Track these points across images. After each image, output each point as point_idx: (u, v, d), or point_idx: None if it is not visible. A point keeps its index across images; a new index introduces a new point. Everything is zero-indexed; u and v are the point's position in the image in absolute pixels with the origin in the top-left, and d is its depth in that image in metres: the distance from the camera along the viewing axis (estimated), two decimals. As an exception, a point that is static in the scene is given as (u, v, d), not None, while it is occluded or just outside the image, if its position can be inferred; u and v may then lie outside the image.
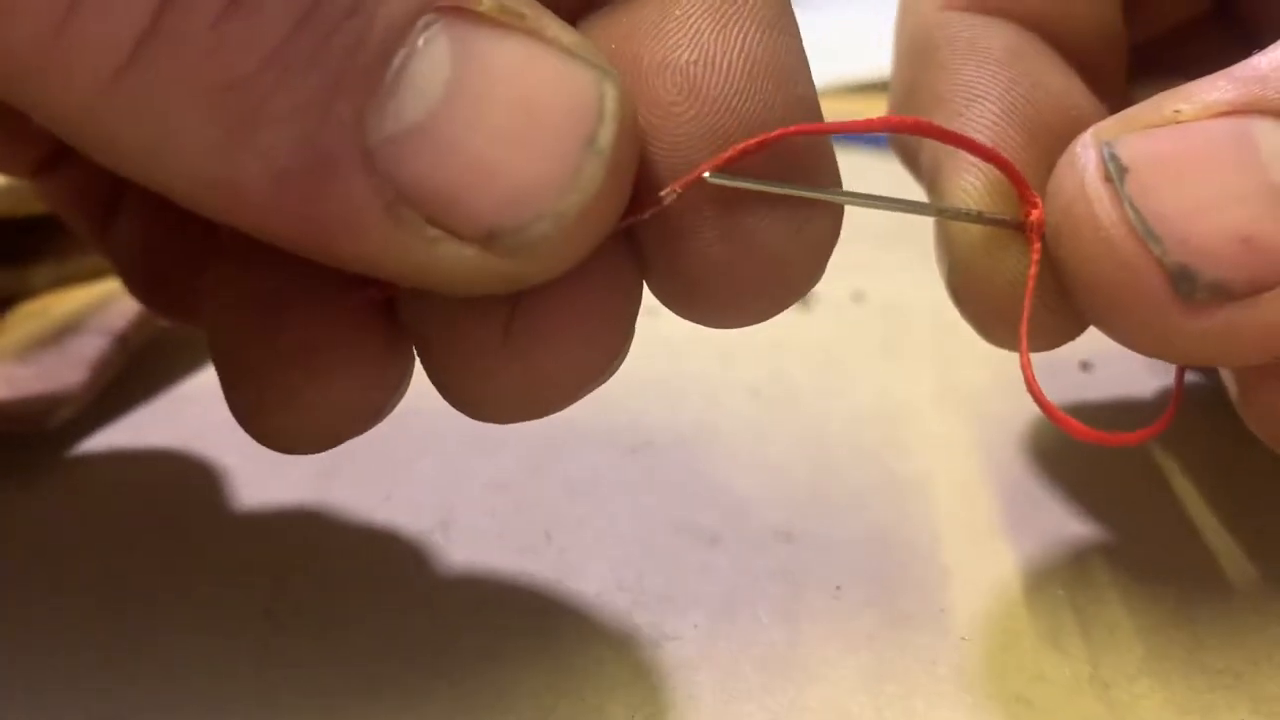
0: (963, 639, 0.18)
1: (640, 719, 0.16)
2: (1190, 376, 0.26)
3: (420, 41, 0.13)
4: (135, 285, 0.21)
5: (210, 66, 0.12)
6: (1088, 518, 0.21)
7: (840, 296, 0.31)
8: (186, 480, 0.23)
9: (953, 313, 0.19)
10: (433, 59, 0.13)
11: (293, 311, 0.16)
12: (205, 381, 0.27)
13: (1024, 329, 0.16)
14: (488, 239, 0.13)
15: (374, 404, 0.16)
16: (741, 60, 0.15)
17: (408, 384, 0.17)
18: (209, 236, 0.18)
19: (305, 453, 0.17)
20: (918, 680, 0.17)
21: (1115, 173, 0.15)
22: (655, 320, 0.28)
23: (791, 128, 0.15)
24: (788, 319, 0.18)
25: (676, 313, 0.16)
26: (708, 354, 0.27)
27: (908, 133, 0.16)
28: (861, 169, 0.43)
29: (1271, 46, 0.16)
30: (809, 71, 0.15)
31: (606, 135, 0.14)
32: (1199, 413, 0.24)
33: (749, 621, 0.18)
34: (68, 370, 0.23)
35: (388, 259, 0.14)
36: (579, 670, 0.17)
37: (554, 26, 0.14)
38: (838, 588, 0.19)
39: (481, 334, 0.15)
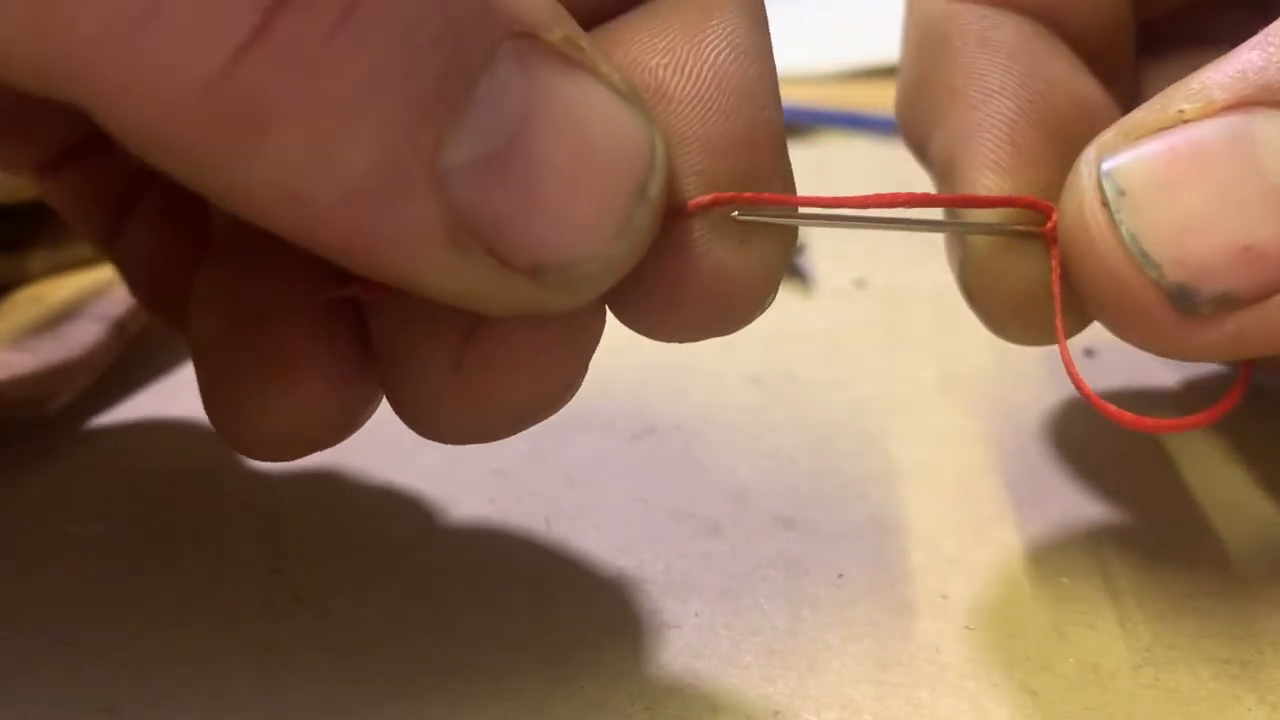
0: (966, 627, 0.18)
1: (641, 707, 0.16)
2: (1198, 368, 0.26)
3: (499, 70, 0.13)
4: (141, 291, 0.21)
5: (315, 83, 0.12)
6: (1092, 506, 0.21)
7: (842, 283, 0.31)
8: (182, 470, 0.23)
9: (954, 299, 0.19)
10: (508, 89, 0.13)
11: (272, 319, 0.16)
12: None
13: (1059, 325, 0.16)
14: (536, 272, 0.14)
15: (346, 413, 0.17)
16: (710, 73, 0.15)
17: (381, 398, 0.17)
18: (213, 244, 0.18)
19: (278, 459, 0.17)
20: (921, 669, 0.17)
21: (1111, 195, 0.15)
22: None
23: (794, 196, 0.15)
24: (789, 306, 0.18)
25: (634, 329, 0.16)
26: (709, 342, 0.27)
27: (911, 205, 0.16)
28: (865, 154, 0.43)
29: (1269, 30, 0.16)
30: (778, 99, 0.16)
31: (656, 185, 0.14)
32: (1202, 400, 0.24)
33: (750, 609, 0.18)
34: (65, 356, 0.23)
35: (436, 280, 0.14)
36: (579, 658, 0.17)
37: (606, 65, 0.14)
38: (840, 575, 0.19)
39: (435, 356, 0.15)
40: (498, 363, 0.15)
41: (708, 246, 0.15)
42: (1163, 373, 0.26)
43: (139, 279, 0.21)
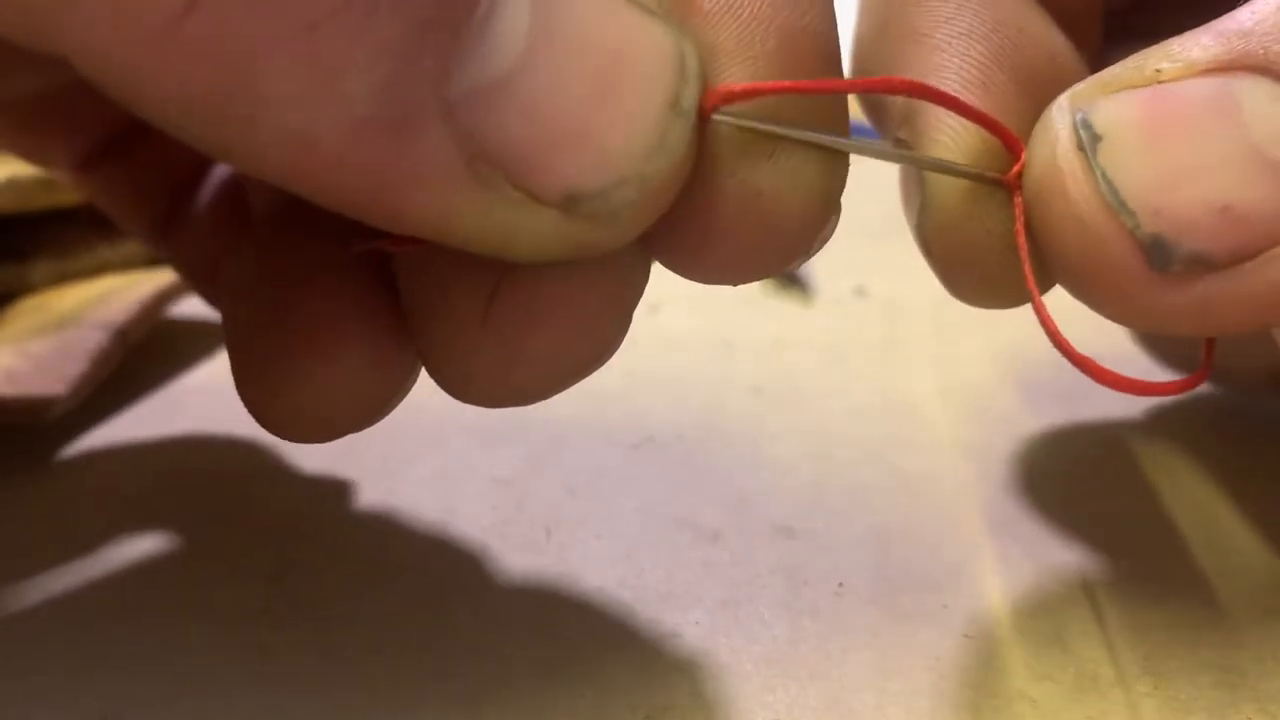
0: (966, 636, 0.18)
1: (641, 716, 0.16)
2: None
3: None
4: (196, 282, 0.21)
5: (294, 2, 0.11)
6: (1092, 515, 0.21)
7: (842, 292, 0.31)
8: (183, 477, 0.23)
9: (955, 308, 0.19)
10: (512, 5, 0.12)
11: (303, 293, 0.16)
12: (204, 378, 0.27)
13: (1029, 273, 0.15)
14: (568, 202, 0.13)
15: (381, 390, 0.16)
16: None
17: (416, 375, 0.17)
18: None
19: (310, 440, 0.17)
20: (921, 678, 0.17)
21: (1088, 141, 0.15)
22: (657, 317, 0.28)
23: (786, 83, 0.14)
24: (789, 315, 0.18)
25: (676, 272, 0.15)
26: (710, 350, 0.27)
27: (901, 93, 0.15)
28: (865, 162, 0.43)
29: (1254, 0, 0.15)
30: (826, 8, 0.14)
31: (690, 96, 0.13)
32: (1204, 412, 0.24)
33: (751, 618, 0.18)
34: (66, 363, 0.23)
35: (461, 220, 0.13)
36: (579, 667, 0.17)
37: None
38: (840, 584, 0.19)
39: (464, 309, 0.15)
40: (530, 314, 0.14)
41: (732, 168, 0.14)
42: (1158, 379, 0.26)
43: (194, 271, 0.21)
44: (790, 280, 0.32)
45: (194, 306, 0.29)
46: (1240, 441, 0.23)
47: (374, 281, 0.16)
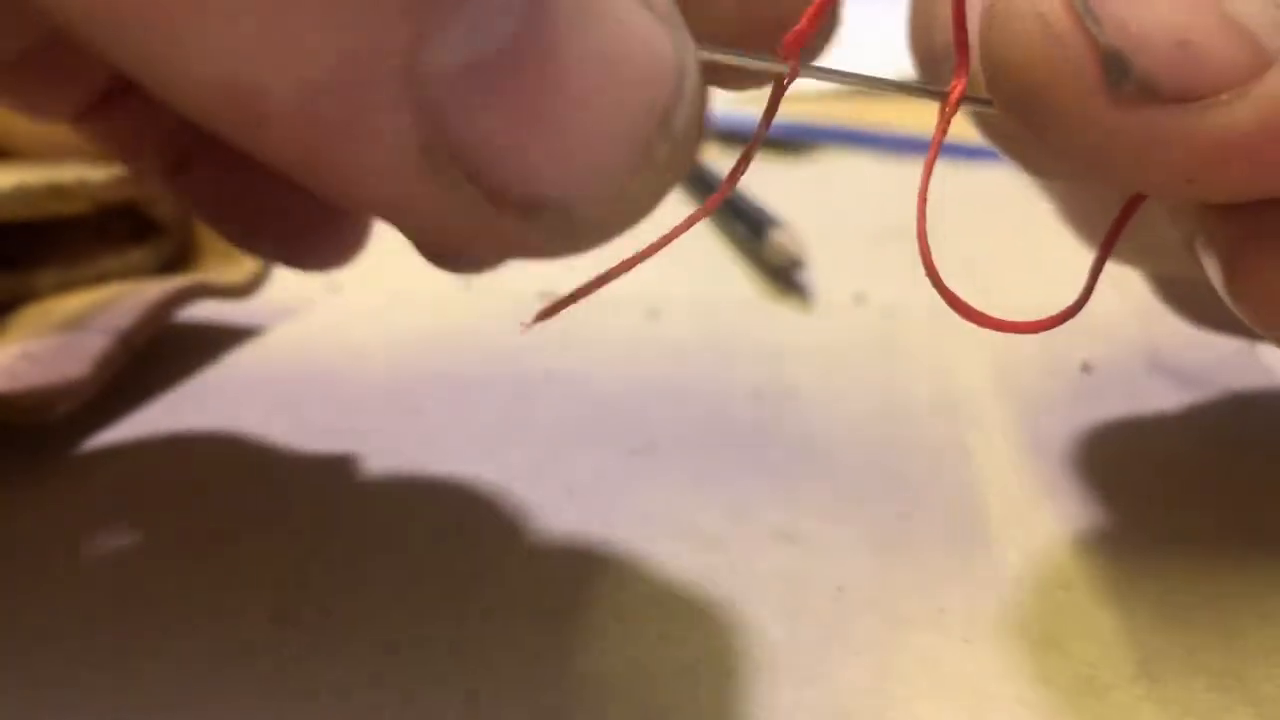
0: (964, 640, 0.18)
1: (642, 720, 0.16)
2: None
3: None
4: (211, 219, 0.21)
5: None
6: (1089, 519, 0.21)
7: (842, 299, 0.31)
8: (188, 481, 0.23)
9: (952, 315, 0.19)
10: None
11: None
12: (208, 381, 0.27)
13: (922, 211, 0.15)
14: (529, 209, 0.11)
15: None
16: None
17: None
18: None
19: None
20: (919, 682, 0.17)
21: None
22: (657, 322, 0.28)
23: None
24: (789, 321, 0.18)
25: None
26: (710, 356, 0.27)
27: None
28: (865, 170, 0.43)
29: None
30: None
31: (682, 118, 0.12)
32: (1199, 415, 0.25)
33: (750, 623, 0.18)
34: (69, 364, 0.23)
35: (406, 211, 0.12)
36: (581, 671, 0.17)
37: None
38: (839, 589, 0.19)
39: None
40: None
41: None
42: (1161, 391, 0.26)
43: (207, 210, 0.21)
44: (790, 286, 0.32)
45: (200, 311, 0.29)
46: (1237, 445, 0.23)
47: None
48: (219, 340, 0.29)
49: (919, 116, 0.51)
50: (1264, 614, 0.18)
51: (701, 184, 0.41)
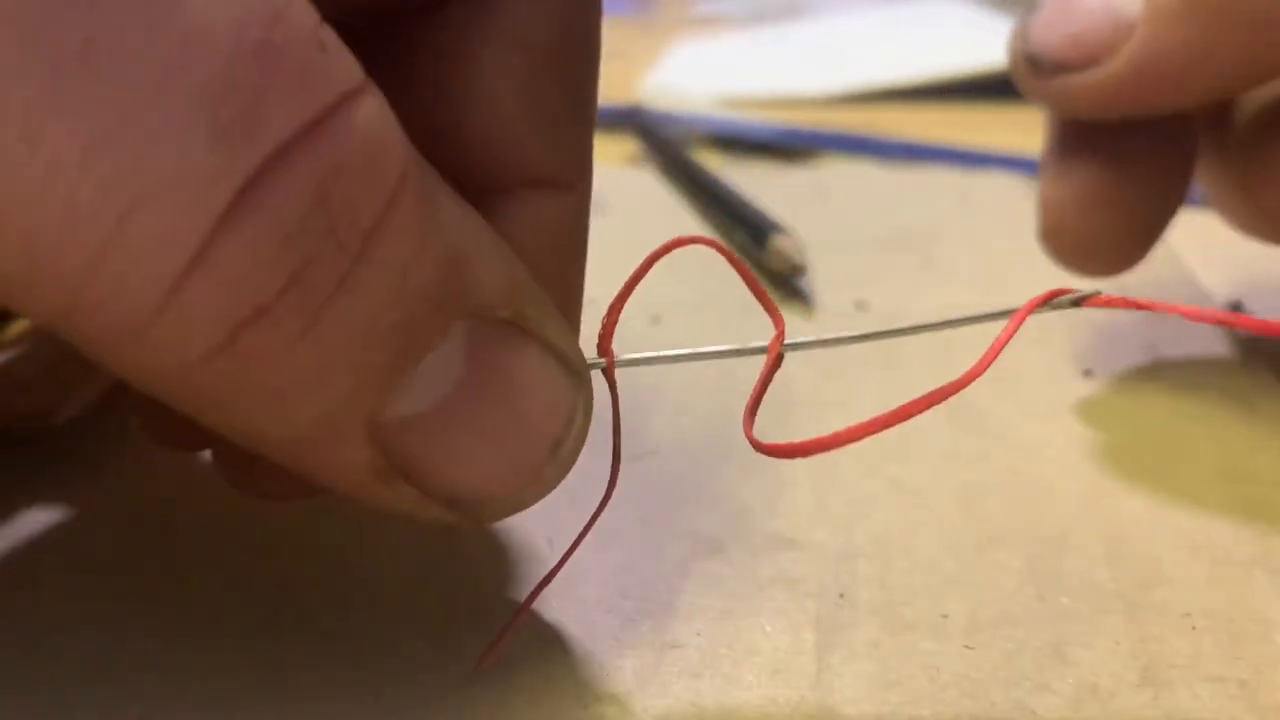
0: (966, 647, 0.18)
1: (643, 726, 0.16)
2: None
3: (446, 345, 0.14)
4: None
5: (278, 374, 0.13)
6: (1088, 525, 0.21)
7: (843, 306, 0.31)
8: (189, 486, 0.23)
9: (953, 320, 0.19)
10: (450, 361, 0.14)
11: None
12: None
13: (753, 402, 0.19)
14: (450, 503, 0.15)
15: None
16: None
17: None
18: None
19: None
20: (921, 688, 0.17)
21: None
22: (658, 328, 0.28)
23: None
24: (790, 328, 0.18)
25: None
26: (711, 362, 0.27)
27: None
28: (865, 177, 0.43)
29: None
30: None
31: (569, 447, 0.16)
32: (1200, 416, 0.25)
33: (752, 629, 0.18)
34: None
35: (355, 496, 0.15)
36: (582, 677, 0.17)
37: (551, 324, 0.15)
38: (841, 595, 0.19)
39: None
40: None
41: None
42: (1161, 391, 0.26)
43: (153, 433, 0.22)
44: (792, 293, 0.32)
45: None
46: (1239, 446, 0.23)
47: None
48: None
49: (922, 124, 0.51)
50: (1267, 622, 0.18)
51: (694, 184, 0.41)
